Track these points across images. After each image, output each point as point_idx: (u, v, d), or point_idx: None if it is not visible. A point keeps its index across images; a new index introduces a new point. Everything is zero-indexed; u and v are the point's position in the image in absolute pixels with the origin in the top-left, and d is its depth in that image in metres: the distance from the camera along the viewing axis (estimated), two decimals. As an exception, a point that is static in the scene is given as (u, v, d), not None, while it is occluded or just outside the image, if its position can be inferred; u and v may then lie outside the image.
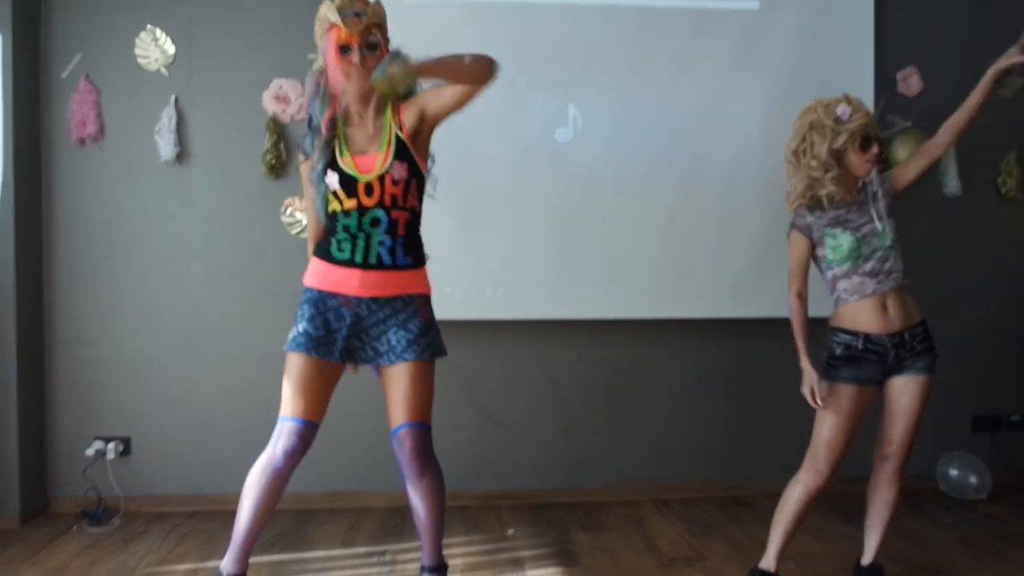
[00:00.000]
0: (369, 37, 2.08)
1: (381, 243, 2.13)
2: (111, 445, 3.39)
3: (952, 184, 3.71)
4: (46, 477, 3.41)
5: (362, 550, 2.98)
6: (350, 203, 2.10)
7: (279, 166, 3.43)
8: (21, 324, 3.24)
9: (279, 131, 3.44)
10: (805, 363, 2.28)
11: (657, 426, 3.66)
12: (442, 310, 3.38)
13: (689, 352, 3.65)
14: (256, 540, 2.19)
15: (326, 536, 3.12)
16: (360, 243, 2.12)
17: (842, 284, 2.31)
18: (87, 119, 3.38)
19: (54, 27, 3.39)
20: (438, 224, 3.40)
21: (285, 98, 3.44)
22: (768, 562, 2.43)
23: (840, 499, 3.08)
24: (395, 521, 3.28)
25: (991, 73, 2.27)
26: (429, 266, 3.41)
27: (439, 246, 3.36)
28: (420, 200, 2.24)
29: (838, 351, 2.30)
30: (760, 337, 3.62)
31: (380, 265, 2.13)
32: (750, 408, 3.71)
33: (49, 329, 3.41)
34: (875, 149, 2.29)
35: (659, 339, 3.63)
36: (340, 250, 2.13)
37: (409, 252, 2.20)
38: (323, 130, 2.13)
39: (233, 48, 3.46)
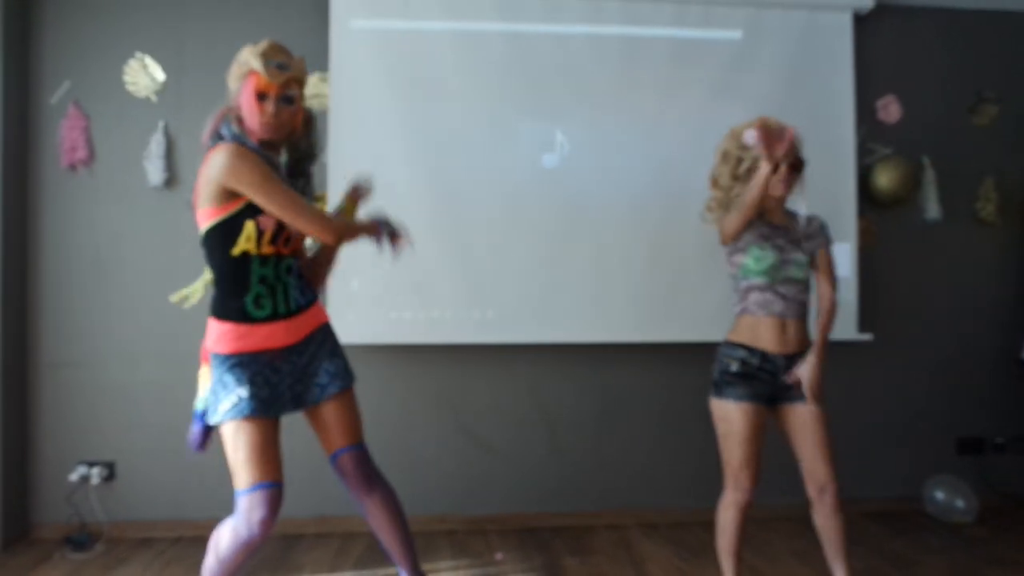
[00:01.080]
0: (287, 90, 2.08)
1: (295, 287, 2.15)
2: (95, 470, 3.36)
3: (932, 209, 3.78)
4: (29, 502, 3.38)
5: (349, 575, 2.95)
6: (268, 249, 2.07)
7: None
8: (6, 347, 3.22)
9: (268, 156, 3.46)
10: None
11: (645, 449, 3.67)
12: (430, 334, 3.44)
13: (676, 375, 3.66)
14: None
15: (313, 562, 3.09)
16: (280, 294, 2.11)
17: (754, 296, 2.37)
18: (76, 145, 3.39)
19: (43, 54, 3.41)
20: (427, 249, 3.43)
21: (274, 124, 3.46)
22: None
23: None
24: (382, 547, 3.25)
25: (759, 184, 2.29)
26: (416, 289, 3.46)
27: (428, 271, 3.41)
28: None
29: (733, 367, 2.34)
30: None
31: (298, 309, 2.15)
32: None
33: (34, 352, 3.40)
34: (783, 169, 2.32)
35: (646, 363, 3.65)
36: (259, 307, 2.07)
37: (309, 287, 2.24)
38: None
39: (222, 75, 3.44)
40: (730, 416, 2.33)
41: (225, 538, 2.05)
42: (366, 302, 3.38)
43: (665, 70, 3.56)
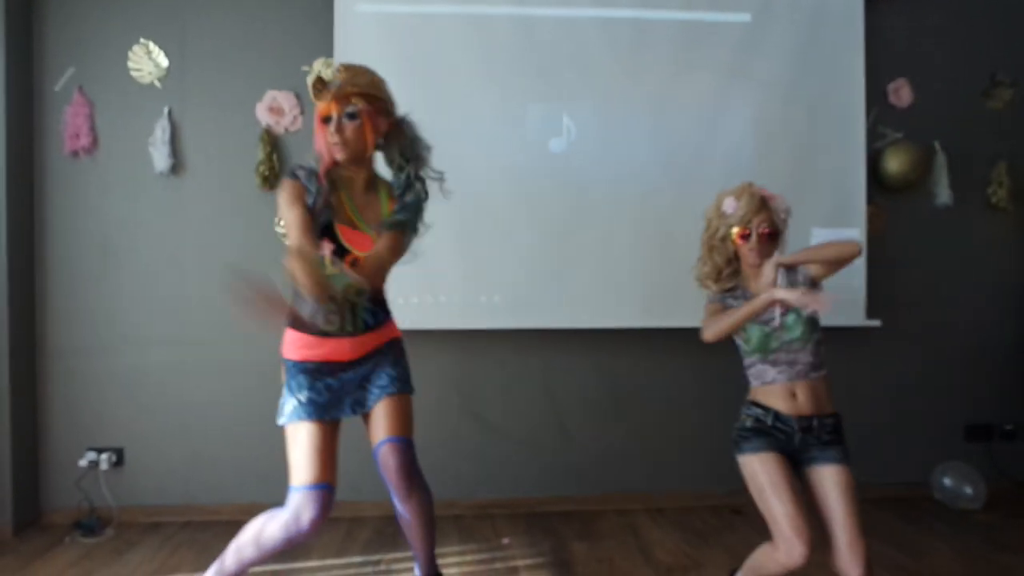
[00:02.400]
0: (347, 106, 2.07)
1: (365, 309, 2.17)
2: (104, 456, 3.38)
3: (943, 194, 3.74)
4: (39, 488, 3.40)
5: (357, 559, 2.97)
6: (333, 271, 2.08)
7: (273, 177, 3.43)
8: (14, 335, 3.24)
9: (273, 142, 3.45)
10: (765, 294, 2.20)
11: (652, 435, 3.66)
12: (438, 319, 3.43)
13: (684, 361, 3.65)
14: None
15: (321, 546, 3.11)
16: (348, 314, 2.14)
17: (756, 370, 2.33)
18: (80, 132, 3.38)
19: (47, 41, 3.40)
20: (434, 234, 3.41)
21: (279, 110, 3.45)
22: None
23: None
24: (389, 530, 3.27)
25: (750, 309, 2.23)
26: (425, 275, 3.45)
27: (435, 256, 3.36)
28: None
29: (748, 423, 2.29)
30: (754, 346, 3.64)
31: (367, 329, 2.18)
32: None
33: (42, 340, 3.41)
34: (753, 239, 2.26)
35: (654, 348, 3.64)
36: (328, 323, 2.12)
37: (384, 308, 2.26)
38: (322, 181, 2.09)
39: (226, 60, 3.47)
40: (755, 469, 2.22)
41: (271, 530, 2.09)
42: (373, 288, 3.38)
43: (673, 54, 3.52)
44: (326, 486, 2.08)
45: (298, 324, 2.13)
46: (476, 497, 3.57)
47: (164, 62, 3.43)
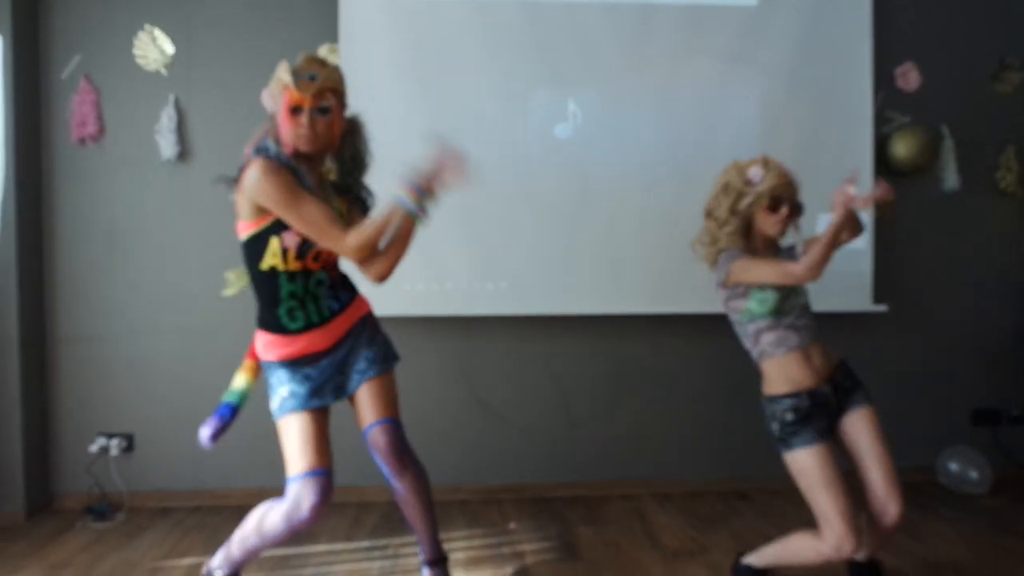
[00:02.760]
0: (321, 101, 2.07)
1: (327, 297, 2.19)
2: (114, 441, 3.41)
3: (951, 179, 3.72)
4: (50, 473, 3.44)
5: (365, 544, 2.99)
6: (295, 265, 2.11)
7: (280, 164, 3.43)
8: (24, 322, 3.26)
9: (280, 129, 3.45)
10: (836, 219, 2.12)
11: (658, 420, 3.67)
12: (443, 306, 3.44)
13: (690, 346, 3.66)
14: None
15: (329, 530, 3.14)
16: (311, 306, 2.15)
17: (766, 337, 2.30)
18: (87, 119, 3.39)
19: (53, 28, 3.40)
20: (438, 220, 3.41)
21: (285, 96, 3.45)
22: (755, 559, 2.44)
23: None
24: (397, 515, 3.29)
25: (833, 228, 2.14)
26: (430, 261, 3.45)
27: (440, 242, 3.40)
28: None
29: (789, 417, 2.24)
30: (760, 332, 3.64)
31: (333, 315, 2.19)
32: (752, 402, 3.67)
33: (51, 327, 3.43)
34: (784, 210, 2.29)
35: (660, 333, 3.65)
36: (293, 319, 2.14)
37: (346, 287, 2.26)
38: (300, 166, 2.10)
39: (232, 47, 3.47)
40: (806, 465, 2.21)
41: (273, 519, 2.13)
42: (379, 275, 3.38)
43: (679, 39, 3.50)
44: (322, 471, 2.10)
45: (266, 324, 2.15)
46: (482, 482, 3.59)
47: (170, 49, 3.43)
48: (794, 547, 2.32)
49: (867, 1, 3.58)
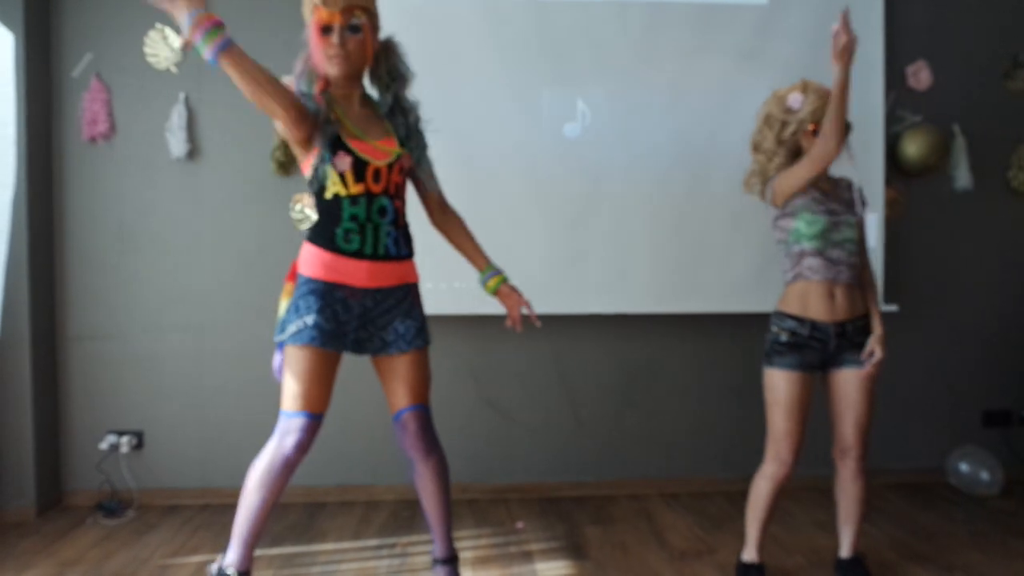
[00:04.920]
0: (351, 19, 2.05)
1: (388, 234, 2.14)
2: (124, 439, 3.42)
3: (963, 178, 3.69)
4: (61, 470, 3.45)
5: (373, 542, 3.00)
6: (357, 188, 2.08)
7: (288, 163, 3.44)
8: (35, 320, 3.28)
9: (289, 127, 3.45)
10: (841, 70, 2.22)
11: (667, 420, 3.67)
12: (453, 305, 3.44)
13: (699, 347, 3.65)
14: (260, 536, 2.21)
15: (337, 528, 3.14)
16: (369, 234, 2.10)
17: (808, 261, 2.34)
18: (98, 117, 3.40)
19: (65, 27, 3.41)
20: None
21: (295, 95, 3.45)
22: (751, 553, 2.53)
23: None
24: (405, 514, 3.30)
25: (840, 81, 2.24)
26: (440, 261, 3.44)
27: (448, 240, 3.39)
28: None
29: (783, 337, 2.34)
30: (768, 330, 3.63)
31: (387, 256, 2.14)
32: (758, 402, 3.68)
33: (62, 325, 3.45)
34: None
35: (670, 334, 3.64)
36: (348, 241, 2.09)
37: (407, 242, 2.23)
38: (318, 101, 2.09)
39: (243, 45, 3.46)
40: (776, 385, 2.34)
41: (257, 464, 2.12)
42: (388, 274, 3.38)
43: (688, 38, 3.49)
44: (317, 416, 2.10)
45: (318, 237, 2.11)
46: (491, 481, 3.59)
47: (180, 47, 3.44)
48: (753, 494, 2.45)
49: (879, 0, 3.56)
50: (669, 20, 3.48)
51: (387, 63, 2.18)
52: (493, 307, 3.48)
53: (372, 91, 2.25)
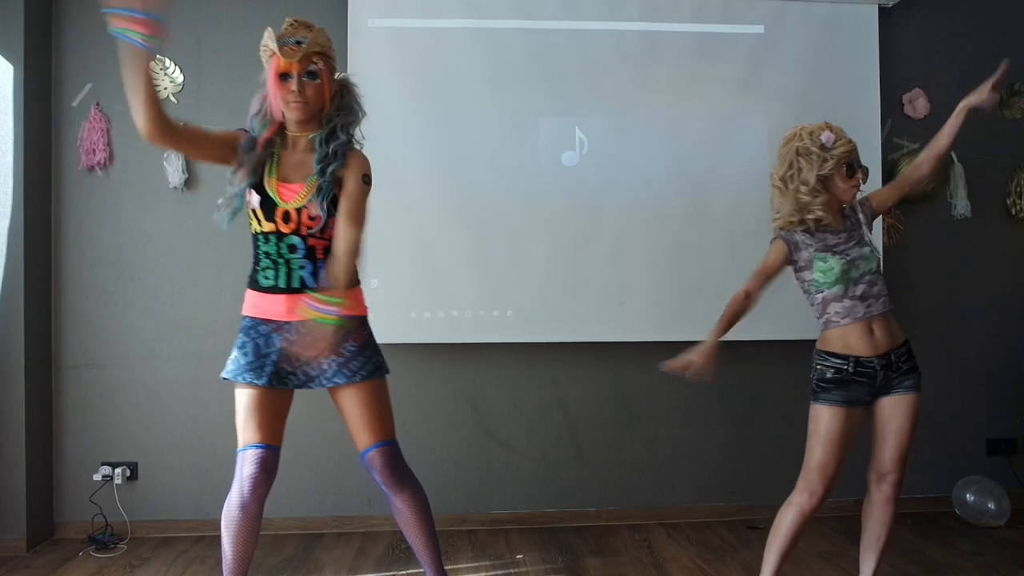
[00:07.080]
0: (308, 65, 2.09)
1: (301, 267, 2.14)
2: (118, 470, 3.38)
3: (961, 204, 3.70)
4: (53, 502, 3.40)
5: (369, 576, 2.95)
6: (268, 226, 2.13)
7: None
8: (29, 349, 3.25)
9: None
10: (711, 338, 2.33)
11: (666, 449, 3.63)
12: (451, 334, 3.42)
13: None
14: (247, 570, 2.18)
15: (334, 561, 3.09)
16: (282, 269, 2.14)
17: (833, 307, 2.30)
18: (96, 147, 3.41)
19: (65, 57, 3.43)
20: (445, 247, 3.42)
21: (293, 123, 3.46)
22: None
23: (855, 523, 3.03)
24: (403, 545, 3.24)
25: (963, 107, 2.48)
26: (437, 289, 3.43)
27: (447, 269, 3.39)
28: None
29: (829, 374, 2.29)
30: (769, 359, 3.61)
31: (304, 289, 2.12)
32: (760, 431, 3.68)
33: (57, 354, 3.42)
34: (860, 175, 2.33)
35: (668, 362, 3.61)
36: (265, 277, 2.15)
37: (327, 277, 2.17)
38: (259, 148, 2.14)
39: (241, 75, 3.49)
40: (819, 417, 2.30)
41: (227, 504, 2.14)
42: (386, 301, 3.36)
43: (685, 66, 3.51)
44: (261, 446, 2.11)
45: (249, 280, 2.17)
46: (490, 512, 3.54)
47: (180, 77, 3.46)
48: (777, 524, 2.38)
49: (874, 28, 3.59)
50: (666, 49, 3.50)
51: (341, 101, 2.20)
52: (491, 335, 3.47)
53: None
